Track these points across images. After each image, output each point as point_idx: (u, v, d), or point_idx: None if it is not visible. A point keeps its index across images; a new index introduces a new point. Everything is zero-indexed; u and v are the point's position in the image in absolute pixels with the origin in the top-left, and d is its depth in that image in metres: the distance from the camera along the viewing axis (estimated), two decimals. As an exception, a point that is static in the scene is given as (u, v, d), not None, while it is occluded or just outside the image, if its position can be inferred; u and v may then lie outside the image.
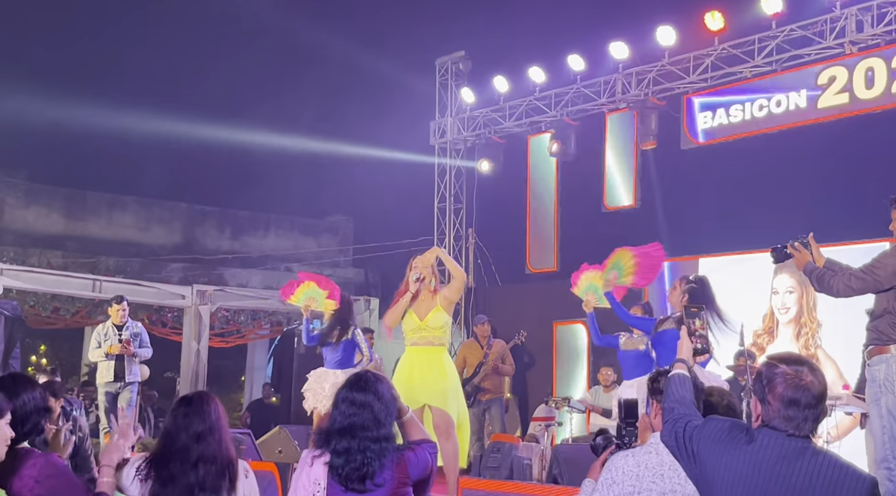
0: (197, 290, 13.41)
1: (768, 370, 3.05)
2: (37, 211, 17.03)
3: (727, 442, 3.05)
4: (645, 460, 3.40)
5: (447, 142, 14.47)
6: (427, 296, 6.96)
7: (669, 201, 11.48)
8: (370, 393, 3.74)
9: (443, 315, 6.89)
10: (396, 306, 6.98)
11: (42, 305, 13.20)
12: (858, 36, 9.95)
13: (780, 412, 2.98)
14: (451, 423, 6.67)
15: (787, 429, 2.97)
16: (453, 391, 6.82)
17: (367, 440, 3.65)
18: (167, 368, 16.38)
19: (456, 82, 14.41)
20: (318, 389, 8.81)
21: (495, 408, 11.02)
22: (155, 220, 18.30)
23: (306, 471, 3.69)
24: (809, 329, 10.02)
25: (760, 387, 3.06)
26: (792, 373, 2.99)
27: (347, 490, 3.63)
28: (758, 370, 3.13)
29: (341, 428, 3.69)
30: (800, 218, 8.94)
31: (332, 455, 3.66)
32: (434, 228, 14.64)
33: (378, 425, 3.70)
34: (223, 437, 3.69)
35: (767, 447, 2.97)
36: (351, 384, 3.80)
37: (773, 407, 3.00)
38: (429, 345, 6.88)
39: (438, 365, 6.85)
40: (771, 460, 2.95)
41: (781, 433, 2.98)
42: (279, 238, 19.36)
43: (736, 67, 10.95)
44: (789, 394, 2.97)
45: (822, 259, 5.36)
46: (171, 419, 3.77)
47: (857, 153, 9.72)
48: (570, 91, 12.65)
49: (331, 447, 3.67)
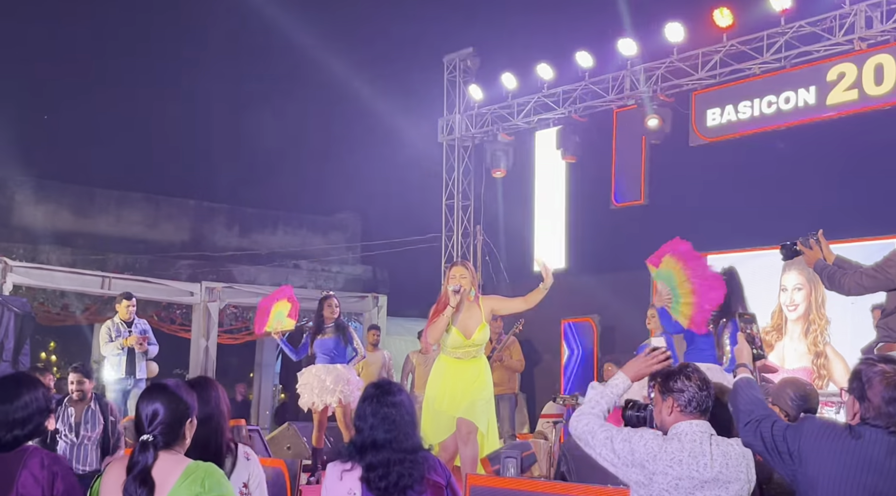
0: (206, 287, 13.44)
1: (867, 369, 3.19)
2: (46, 208, 17.09)
3: (832, 439, 3.18)
4: (667, 445, 3.47)
5: (455, 139, 14.46)
6: (468, 309, 6.70)
7: (678, 198, 11.45)
8: (398, 406, 3.78)
9: (487, 330, 6.75)
10: (438, 322, 6.63)
11: (52, 302, 13.25)
12: (867, 32, 9.92)
13: (880, 409, 3.12)
14: (473, 430, 6.64)
15: (889, 426, 3.10)
16: (484, 402, 6.70)
17: (402, 452, 3.69)
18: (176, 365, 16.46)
19: (464, 79, 14.40)
20: (316, 384, 8.73)
21: (504, 404, 10.99)
22: (164, 217, 18.35)
23: (337, 486, 3.70)
24: (818, 326, 10.01)
25: (859, 386, 3.19)
26: (891, 372, 3.14)
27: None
28: (855, 369, 3.27)
29: (376, 442, 3.71)
30: (809, 215, 8.93)
31: (366, 469, 3.68)
32: (442, 225, 14.63)
33: (408, 437, 3.75)
34: (221, 424, 3.68)
35: (875, 443, 3.09)
36: (377, 397, 3.81)
37: (872, 404, 3.14)
38: (470, 358, 6.74)
39: (475, 377, 6.71)
40: (880, 455, 3.07)
41: (883, 429, 3.10)
42: (287, 235, 19.40)
43: (744, 64, 10.92)
44: (890, 393, 3.11)
45: (832, 256, 5.36)
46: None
47: (866, 150, 9.69)
48: (578, 88, 12.63)
49: (365, 461, 3.69)
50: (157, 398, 3.21)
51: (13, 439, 3.72)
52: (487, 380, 6.81)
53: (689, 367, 3.63)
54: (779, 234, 6.06)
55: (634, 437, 3.53)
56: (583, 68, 12.46)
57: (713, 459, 3.40)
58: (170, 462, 3.16)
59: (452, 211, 14.52)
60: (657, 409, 3.65)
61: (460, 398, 6.62)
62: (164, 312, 14.08)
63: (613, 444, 3.55)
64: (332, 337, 8.91)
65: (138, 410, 3.22)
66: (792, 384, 4.45)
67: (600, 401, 3.74)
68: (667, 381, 3.60)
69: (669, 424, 3.55)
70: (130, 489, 3.06)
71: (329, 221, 20.13)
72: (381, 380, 3.98)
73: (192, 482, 3.13)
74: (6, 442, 3.72)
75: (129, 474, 3.09)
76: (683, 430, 3.49)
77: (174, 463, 3.17)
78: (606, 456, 3.58)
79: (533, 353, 12.37)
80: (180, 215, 18.59)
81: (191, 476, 3.14)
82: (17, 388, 3.82)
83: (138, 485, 3.05)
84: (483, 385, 6.73)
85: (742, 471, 3.43)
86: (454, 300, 6.56)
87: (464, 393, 6.64)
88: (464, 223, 14.44)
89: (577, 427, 3.70)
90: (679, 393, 3.53)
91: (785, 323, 10.32)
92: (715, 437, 3.48)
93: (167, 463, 3.15)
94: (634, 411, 3.85)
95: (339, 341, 8.91)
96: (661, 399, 3.61)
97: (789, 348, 10.23)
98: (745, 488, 3.45)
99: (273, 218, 19.53)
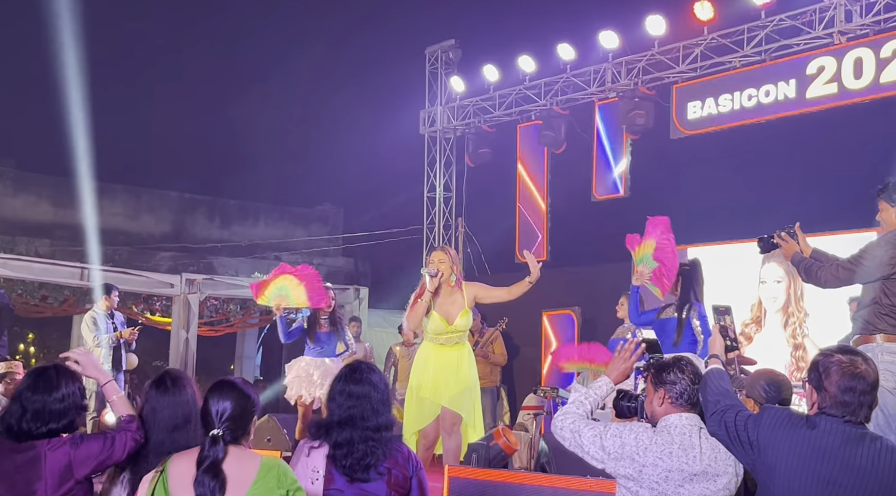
0: (186, 279, 13.37)
1: (824, 359, 3.26)
2: (25, 199, 16.98)
3: (788, 428, 3.24)
4: (657, 438, 3.49)
5: (437, 131, 14.45)
6: (450, 294, 6.68)
7: (658, 191, 11.48)
8: (366, 384, 3.79)
9: (470, 316, 6.72)
10: (416, 307, 6.61)
11: (30, 293, 13.16)
12: (847, 26, 9.96)
13: (836, 398, 3.18)
14: (458, 421, 6.63)
15: (844, 415, 3.16)
16: (469, 390, 6.68)
17: (367, 430, 3.70)
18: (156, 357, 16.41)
19: (446, 71, 14.37)
20: (304, 377, 8.71)
21: (485, 397, 10.98)
22: (144, 209, 18.27)
23: (303, 461, 3.70)
24: (797, 319, 10.06)
25: (817, 376, 3.27)
26: (847, 362, 3.20)
27: (352, 481, 3.66)
28: (813, 360, 3.34)
29: (341, 420, 3.72)
30: (788, 207, 8.96)
31: (333, 447, 3.69)
32: (424, 217, 14.62)
33: (377, 414, 3.75)
34: (198, 423, 3.65)
35: (830, 432, 3.15)
36: (346, 376, 3.84)
37: (829, 394, 3.20)
38: (453, 344, 6.72)
39: (459, 363, 6.68)
40: (835, 444, 3.13)
41: (839, 419, 3.16)
42: (269, 227, 19.35)
43: (725, 57, 10.95)
44: (846, 382, 3.17)
45: (809, 249, 5.38)
46: (148, 408, 3.72)
47: (845, 143, 9.74)
48: (559, 80, 12.64)
49: (332, 439, 3.70)
50: (227, 394, 3.27)
51: (48, 432, 3.63)
52: (471, 366, 6.79)
53: (683, 360, 3.65)
54: (758, 226, 6.07)
55: (625, 432, 3.54)
56: (564, 61, 12.46)
57: (702, 452, 3.43)
58: (242, 457, 3.20)
59: (434, 203, 14.51)
60: (648, 400, 3.67)
61: (444, 386, 6.60)
62: (145, 304, 14.01)
63: (602, 441, 3.56)
64: (325, 330, 8.86)
65: (207, 406, 3.25)
66: (765, 375, 4.48)
67: (584, 402, 3.76)
68: (660, 373, 3.62)
69: (660, 416, 3.58)
70: (204, 482, 3.08)
71: (310, 213, 20.09)
72: (356, 362, 3.99)
73: (270, 478, 3.19)
74: (40, 434, 3.62)
75: (200, 468, 3.10)
76: (674, 423, 3.51)
77: (247, 458, 3.22)
78: (595, 454, 3.59)
79: (513, 346, 12.38)
80: (161, 207, 18.52)
81: (269, 473, 3.19)
82: (58, 379, 3.71)
83: (210, 479, 3.07)
84: (467, 372, 6.71)
85: (730, 465, 3.46)
86: (432, 285, 6.54)
87: (448, 380, 6.61)
88: (445, 215, 14.44)
89: (562, 427, 3.70)
90: (671, 385, 3.56)
91: (764, 315, 10.36)
92: (704, 431, 3.51)
93: (239, 458, 3.19)
94: (626, 402, 3.88)
95: (332, 335, 8.87)
96: (654, 390, 3.63)
97: (768, 340, 10.28)
98: (732, 482, 3.47)
99: (254, 210, 19.48)
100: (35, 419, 3.61)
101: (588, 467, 5.04)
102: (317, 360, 8.74)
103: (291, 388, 8.74)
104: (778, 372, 4.67)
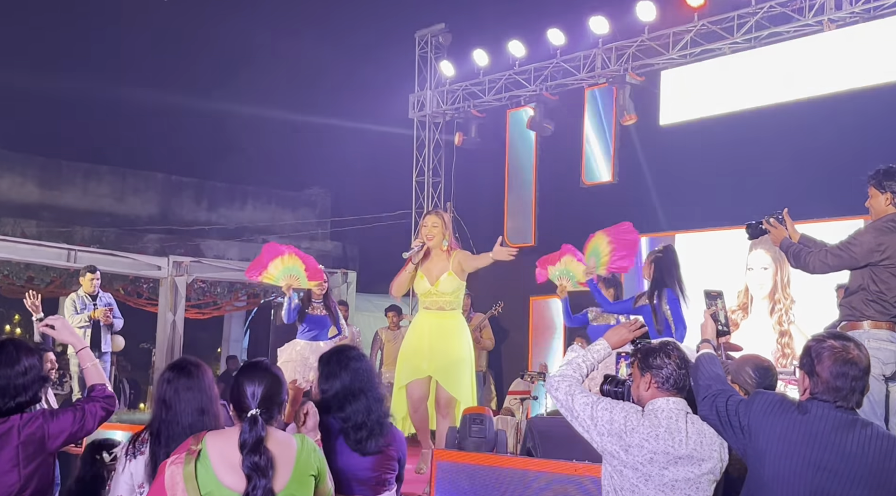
0: (173, 261, 13.35)
1: (817, 345, 3.26)
2: (11, 180, 16.88)
3: (779, 413, 3.24)
4: (645, 420, 3.51)
5: (426, 115, 14.42)
6: (440, 258, 6.77)
7: (647, 177, 11.50)
8: (362, 359, 4.00)
9: (454, 280, 6.74)
10: (400, 274, 6.81)
11: (16, 275, 13.11)
12: (837, 13, 9.96)
13: (828, 384, 3.18)
14: (452, 403, 6.67)
15: (836, 401, 3.17)
16: (462, 363, 6.74)
17: (374, 401, 3.88)
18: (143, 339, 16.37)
19: (435, 55, 14.33)
20: (299, 361, 8.69)
21: (472, 382, 11.03)
22: (131, 191, 18.19)
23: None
24: (783, 305, 10.10)
25: (809, 362, 3.26)
26: (840, 348, 3.21)
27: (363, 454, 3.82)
28: (806, 345, 3.33)
29: (353, 391, 3.88)
30: (776, 194, 8.99)
31: (343, 420, 3.83)
32: (412, 202, 14.60)
33: (378, 387, 3.98)
34: (218, 408, 3.72)
35: (821, 418, 3.16)
36: (340, 353, 4.01)
37: (821, 379, 3.20)
38: (440, 310, 6.77)
39: (450, 333, 6.75)
40: (825, 430, 3.13)
41: (830, 404, 3.17)
42: (256, 210, 19.30)
43: (715, 44, 10.94)
44: (838, 368, 3.17)
45: (797, 235, 5.39)
46: (172, 391, 3.67)
47: (834, 131, 9.74)
48: (549, 65, 12.61)
49: (344, 412, 3.84)
50: (259, 376, 3.32)
51: (17, 406, 3.66)
52: (464, 338, 6.84)
53: (670, 345, 3.66)
54: (746, 213, 6.10)
55: (616, 408, 3.56)
56: (554, 46, 12.44)
57: (688, 436, 3.44)
58: (278, 436, 3.24)
59: (423, 188, 14.49)
60: (635, 385, 3.68)
61: (439, 354, 6.66)
62: (131, 286, 13.97)
63: (594, 411, 3.58)
64: (318, 313, 8.86)
65: (241, 388, 3.28)
66: (751, 361, 4.49)
67: (581, 365, 3.79)
68: (646, 358, 3.63)
69: (647, 400, 3.58)
70: (255, 461, 3.08)
71: (299, 197, 20.03)
72: (342, 345, 4.09)
73: (307, 454, 3.25)
74: (9, 409, 3.64)
75: (245, 448, 3.10)
76: (660, 407, 3.52)
77: (283, 437, 3.26)
78: (584, 421, 3.60)
79: (501, 331, 12.41)
80: (148, 189, 18.43)
81: (304, 453, 3.24)
82: (17, 354, 3.73)
83: (259, 457, 3.08)
84: (460, 343, 6.76)
85: (715, 450, 3.47)
86: (416, 256, 6.68)
87: (442, 349, 6.68)
88: (434, 200, 14.41)
89: (557, 387, 3.72)
90: (658, 369, 3.57)
91: (751, 302, 10.40)
92: (691, 416, 3.52)
93: (276, 437, 3.22)
94: (612, 386, 3.88)
95: (326, 318, 8.87)
96: (640, 374, 3.64)
97: (754, 327, 10.32)
98: (717, 467, 3.48)
99: (242, 192, 19.41)
100: (2, 396, 3.64)
101: (573, 451, 5.08)
102: (311, 344, 8.71)
103: (284, 372, 8.72)
104: (764, 357, 4.68)
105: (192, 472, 3.11)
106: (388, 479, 3.85)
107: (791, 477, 3.13)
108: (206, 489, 3.09)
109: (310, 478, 3.24)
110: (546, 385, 3.82)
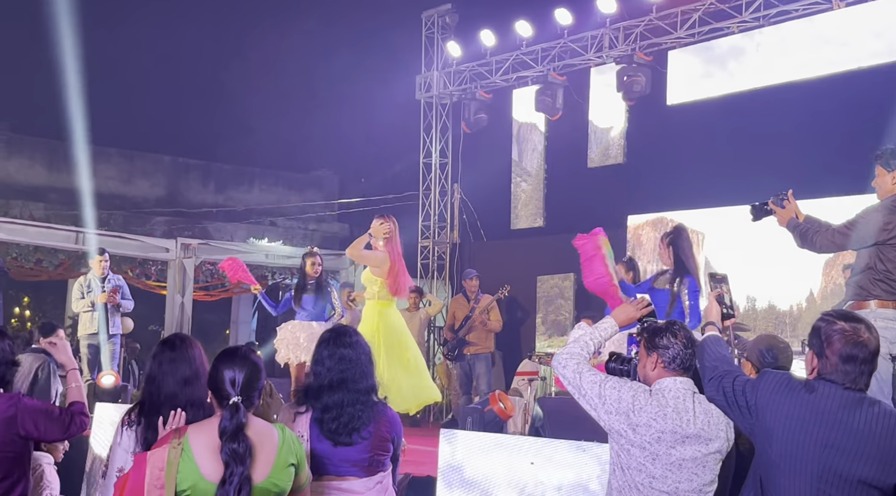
0: (181, 244, 13.36)
1: (827, 326, 3.22)
2: (19, 162, 16.91)
3: (787, 392, 3.22)
4: (653, 399, 3.51)
5: (433, 96, 14.39)
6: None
7: (655, 157, 11.46)
8: (355, 347, 3.88)
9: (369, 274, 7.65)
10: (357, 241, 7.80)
11: (25, 257, 13.14)
12: (846, -8, 9.90)
13: (837, 366, 3.16)
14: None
15: (845, 383, 3.15)
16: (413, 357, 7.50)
17: (357, 392, 3.79)
18: (151, 321, 16.42)
19: (442, 36, 14.29)
20: (291, 340, 8.83)
21: (481, 363, 11.05)
22: (139, 173, 18.20)
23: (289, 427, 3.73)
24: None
25: (818, 342, 3.23)
26: (850, 330, 3.17)
27: (336, 445, 3.75)
28: (815, 325, 3.29)
29: (332, 382, 3.80)
30: (784, 172, 8.95)
31: (321, 410, 3.76)
32: (419, 183, 14.60)
33: (365, 377, 3.85)
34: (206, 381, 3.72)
35: (828, 396, 3.14)
36: (334, 340, 3.90)
37: (830, 361, 3.18)
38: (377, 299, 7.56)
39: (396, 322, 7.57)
40: (832, 408, 3.12)
41: (839, 385, 3.15)
42: (263, 192, 19.30)
43: (723, 22, 10.88)
44: (848, 350, 3.14)
45: (802, 215, 5.37)
46: (157, 364, 3.77)
47: (842, 109, 9.69)
48: (556, 46, 12.56)
49: (321, 403, 3.77)
50: (238, 362, 3.29)
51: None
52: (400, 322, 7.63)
53: (676, 325, 3.66)
54: (752, 192, 6.06)
55: (624, 388, 3.56)
56: (562, 26, 12.38)
57: (696, 416, 3.45)
58: (258, 424, 3.23)
59: (430, 169, 14.48)
60: (641, 364, 3.68)
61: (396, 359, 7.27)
62: (140, 268, 13.99)
63: (602, 389, 3.57)
64: (312, 294, 8.95)
65: (220, 374, 3.26)
66: (765, 340, 4.49)
67: (588, 343, 3.78)
68: (653, 337, 3.63)
69: (653, 380, 3.59)
70: (234, 448, 3.08)
71: (306, 179, 20.03)
72: (337, 325, 4.04)
73: (288, 444, 3.26)
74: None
75: (224, 436, 3.11)
76: (667, 386, 3.52)
77: (264, 425, 3.26)
78: (591, 399, 3.60)
79: (509, 311, 12.41)
80: (155, 171, 18.44)
81: (285, 442, 3.26)
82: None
83: (238, 445, 3.09)
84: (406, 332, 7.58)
85: (722, 430, 3.48)
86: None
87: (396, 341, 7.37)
88: (441, 181, 14.41)
89: (565, 365, 3.72)
90: (664, 349, 3.57)
91: (759, 282, 10.37)
92: (697, 395, 3.52)
93: (256, 425, 3.22)
94: (618, 364, 3.88)
95: (319, 299, 8.96)
96: (647, 354, 3.64)
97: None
98: (724, 446, 3.49)
99: (249, 174, 19.41)
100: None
101: (582, 432, 5.08)
102: (304, 323, 8.88)
103: (280, 351, 8.91)
104: (779, 338, 4.68)
105: (174, 462, 3.14)
106: (382, 461, 3.85)
107: (799, 454, 3.12)
108: (188, 482, 3.11)
109: (290, 468, 3.25)
110: (553, 362, 3.81)
